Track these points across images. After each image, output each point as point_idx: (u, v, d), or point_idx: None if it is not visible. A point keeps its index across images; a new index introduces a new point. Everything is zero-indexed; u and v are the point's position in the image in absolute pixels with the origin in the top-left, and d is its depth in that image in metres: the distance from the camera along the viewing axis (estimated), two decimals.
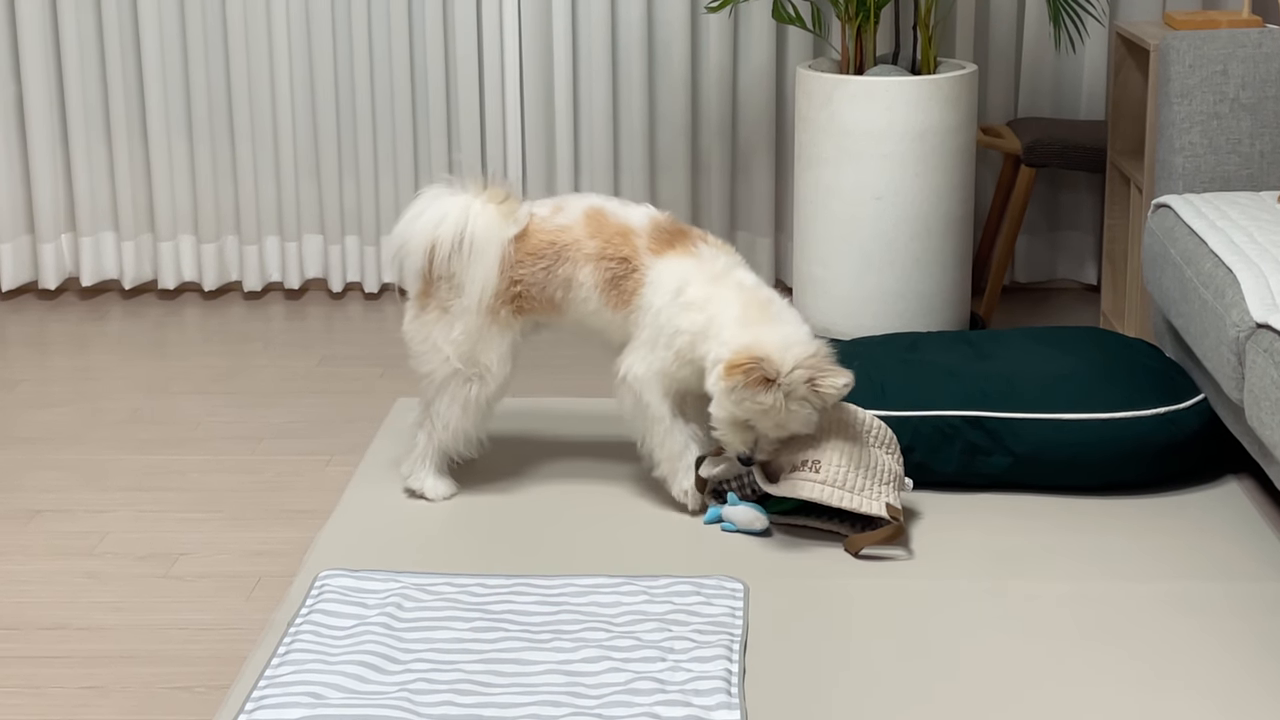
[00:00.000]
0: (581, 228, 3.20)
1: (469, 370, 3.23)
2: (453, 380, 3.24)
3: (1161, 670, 2.63)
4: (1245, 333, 2.97)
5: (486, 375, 3.23)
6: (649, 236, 3.17)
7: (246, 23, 4.56)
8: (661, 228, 3.19)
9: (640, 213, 3.23)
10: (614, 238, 3.18)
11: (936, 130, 3.87)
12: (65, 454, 3.61)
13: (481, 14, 4.55)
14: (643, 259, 3.16)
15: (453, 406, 3.25)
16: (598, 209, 3.23)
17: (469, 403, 3.25)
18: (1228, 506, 3.24)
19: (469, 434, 3.29)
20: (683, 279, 3.12)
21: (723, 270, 3.14)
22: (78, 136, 4.63)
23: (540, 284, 3.20)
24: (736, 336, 3.03)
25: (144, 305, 4.71)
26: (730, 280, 3.13)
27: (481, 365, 3.23)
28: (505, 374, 3.25)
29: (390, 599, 2.84)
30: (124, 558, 3.10)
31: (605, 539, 3.13)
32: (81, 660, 2.72)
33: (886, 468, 3.10)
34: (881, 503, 3.04)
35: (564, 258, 3.19)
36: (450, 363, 3.23)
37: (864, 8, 3.91)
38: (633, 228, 3.19)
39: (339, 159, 4.65)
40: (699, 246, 3.17)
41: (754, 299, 3.10)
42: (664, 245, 3.16)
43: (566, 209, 3.24)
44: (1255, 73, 3.63)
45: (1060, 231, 4.74)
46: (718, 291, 3.10)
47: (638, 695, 2.53)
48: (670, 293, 3.12)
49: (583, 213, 3.22)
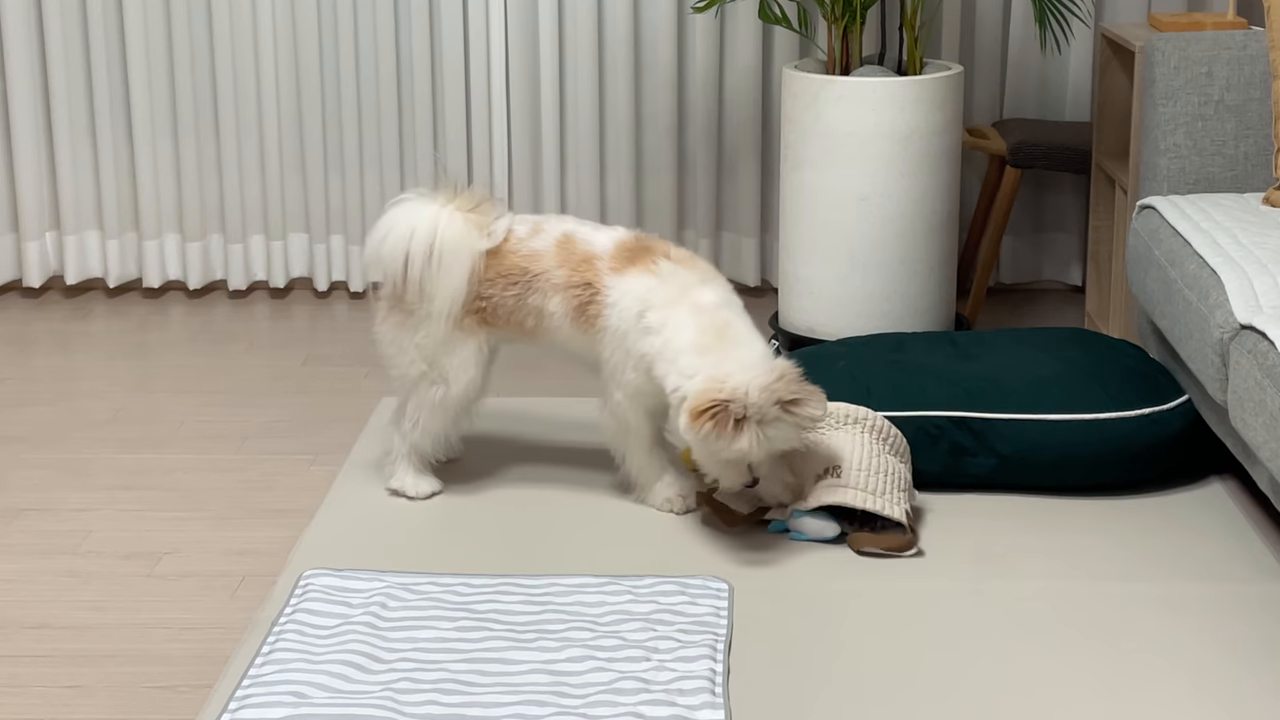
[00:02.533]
0: (552, 256, 3.17)
1: (434, 373, 3.23)
2: (420, 382, 3.24)
3: (1144, 670, 2.64)
4: (1229, 334, 2.98)
5: (451, 379, 3.23)
6: (610, 257, 3.14)
7: (232, 21, 4.55)
8: (625, 246, 3.15)
9: (608, 236, 3.18)
10: (580, 265, 3.15)
11: (922, 131, 3.87)
12: (49, 453, 3.60)
13: (467, 13, 4.55)
14: (603, 280, 3.12)
15: (421, 408, 3.26)
16: (568, 235, 3.19)
17: (435, 405, 3.25)
18: (1211, 507, 3.25)
19: (437, 434, 3.28)
20: (643, 301, 3.08)
21: (679, 290, 3.07)
22: (62, 134, 4.62)
23: (510, 309, 3.18)
24: (693, 365, 2.97)
25: (128, 304, 4.70)
26: (687, 301, 3.05)
27: (444, 369, 3.22)
28: (468, 379, 3.23)
29: (374, 598, 2.84)
30: (107, 557, 3.09)
31: (590, 539, 3.13)
32: (64, 659, 2.72)
33: (900, 474, 3.12)
34: (902, 509, 3.05)
35: (534, 288, 3.16)
36: (417, 364, 3.23)
37: (850, 8, 3.91)
38: (596, 252, 3.15)
39: (324, 157, 4.65)
40: (659, 263, 3.11)
41: (710, 323, 3.02)
42: (624, 263, 3.12)
43: (543, 233, 3.20)
44: (1240, 74, 3.64)
45: (1045, 233, 4.74)
46: (673, 314, 3.04)
47: (622, 695, 2.52)
48: (632, 316, 3.08)
49: (554, 240, 3.18)
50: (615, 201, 4.64)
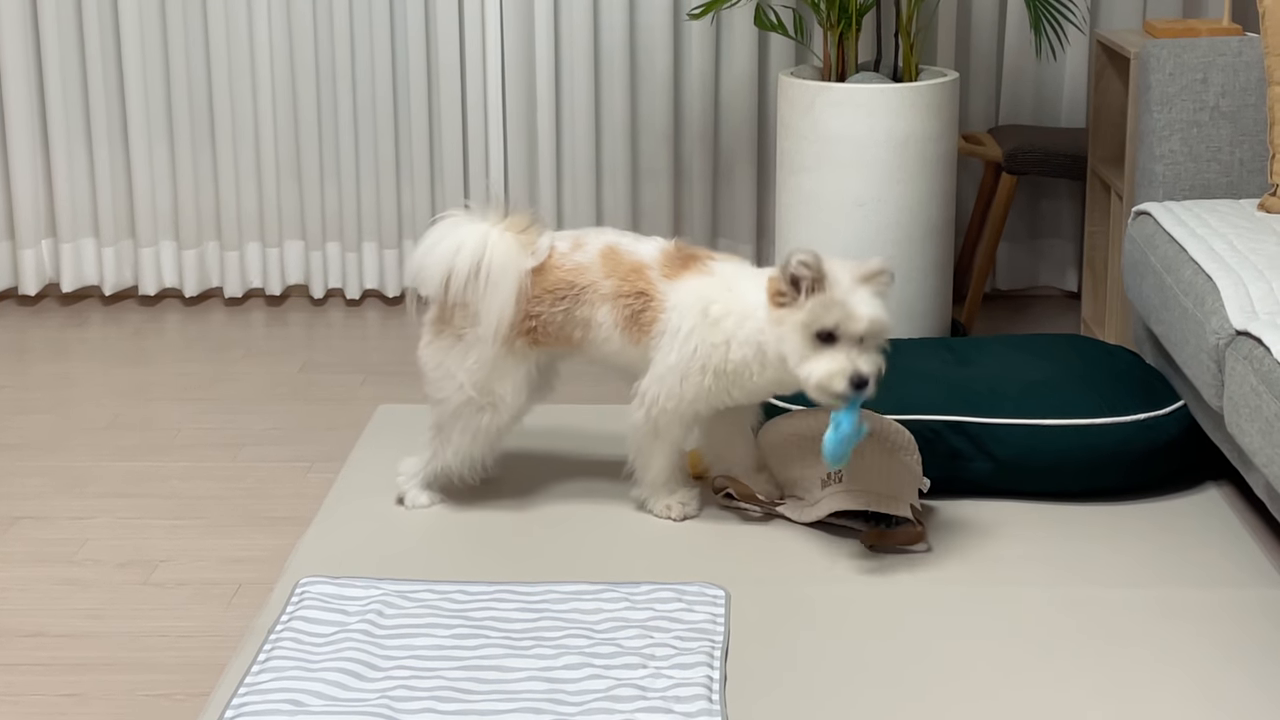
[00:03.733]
0: (599, 268, 3.15)
1: (483, 399, 3.19)
2: (466, 408, 3.20)
3: (1139, 675, 2.64)
4: (1225, 340, 2.98)
5: (500, 405, 3.19)
6: (660, 265, 3.14)
7: (228, 28, 4.55)
8: (671, 255, 3.16)
9: (652, 246, 3.19)
10: (629, 274, 3.13)
11: (918, 137, 3.88)
12: (45, 460, 3.60)
13: (463, 20, 4.55)
14: (658, 287, 3.11)
15: (465, 434, 3.22)
16: (612, 246, 3.18)
17: (480, 431, 3.21)
18: (1207, 513, 3.25)
19: (475, 460, 3.25)
20: (705, 298, 3.08)
21: (734, 275, 3.12)
22: (58, 142, 4.62)
23: (558, 324, 3.16)
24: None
25: (124, 311, 4.70)
26: (747, 275, 3.11)
27: (496, 395, 3.18)
28: (519, 404, 3.21)
29: (371, 606, 2.83)
30: (103, 565, 3.09)
31: (586, 545, 3.13)
32: (60, 668, 2.71)
33: (906, 468, 3.12)
34: (906, 505, 3.06)
35: (582, 300, 3.14)
36: (464, 390, 3.18)
37: (846, 15, 3.92)
38: (645, 261, 3.15)
39: (320, 165, 4.65)
40: (710, 264, 3.14)
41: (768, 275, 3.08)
42: (677, 269, 3.13)
43: (585, 246, 3.19)
44: (1235, 81, 3.64)
45: (1041, 239, 4.75)
46: (735, 291, 3.08)
47: (619, 702, 2.52)
48: (697, 314, 3.08)
49: (599, 252, 3.17)
50: (611, 208, 4.65)
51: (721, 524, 3.22)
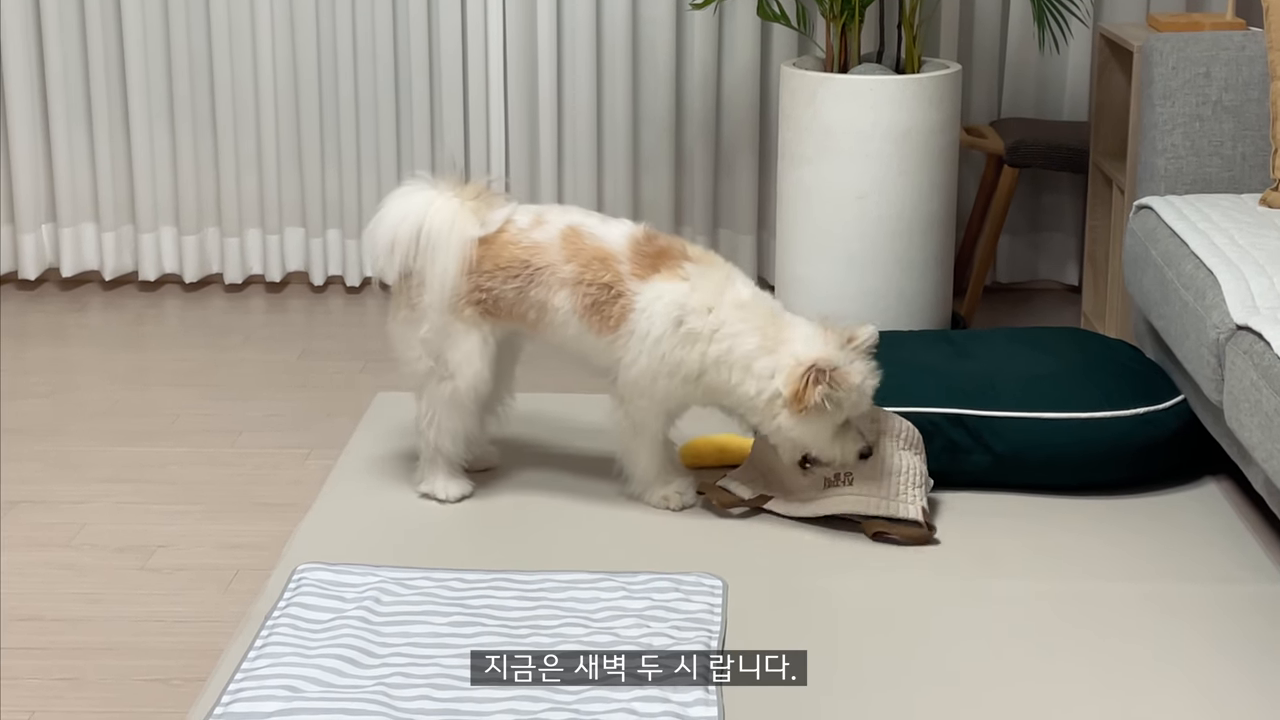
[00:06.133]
0: (558, 250, 3.12)
1: (440, 369, 3.21)
2: (429, 380, 3.22)
3: (1137, 670, 2.64)
4: (1225, 334, 2.98)
5: (456, 374, 3.20)
6: (630, 260, 3.10)
7: (230, 14, 4.54)
8: (641, 248, 3.12)
9: (619, 231, 3.15)
10: (592, 262, 3.10)
11: (920, 130, 3.87)
12: (43, 445, 3.60)
13: (466, 8, 4.55)
14: (628, 284, 3.09)
15: (434, 405, 3.23)
16: (575, 228, 3.15)
17: (445, 401, 3.22)
18: (1206, 507, 3.25)
19: (456, 433, 3.25)
20: (680, 307, 3.06)
21: (714, 292, 3.08)
22: (59, 127, 4.61)
23: (510, 301, 3.15)
24: (767, 365, 3.03)
25: (124, 297, 4.69)
26: (727, 301, 3.07)
27: (452, 364, 3.19)
28: (474, 372, 3.19)
29: (368, 593, 2.83)
30: (101, 549, 3.09)
31: (584, 534, 3.13)
32: (58, 652, 2.71)
33: (915, 469, 3.11)
34: (917, 506, 3.06)
35: (537, 280, 3.12)
36: (423, 360, 3.21)
37: (849, 6, 3.91)
38: (611, 251, 3.11)
39: (321, 152, 4.64)
40: (685, 267, 3.10)
41: (759, 317, 3.07)
42: (648, 268, 3.10)
43: (546, 224, 3.16)
44: (1238, 75, 3.64)
45: (1042, 232, 4.74)
46: (722, 320, 3.06)
47: (616, 690, 2.52)
48: (669, 322, 3.06)
49: (559, 232, 3.14)
50: (613, 199, 4.64)
51: (719, 514, 3.21)
